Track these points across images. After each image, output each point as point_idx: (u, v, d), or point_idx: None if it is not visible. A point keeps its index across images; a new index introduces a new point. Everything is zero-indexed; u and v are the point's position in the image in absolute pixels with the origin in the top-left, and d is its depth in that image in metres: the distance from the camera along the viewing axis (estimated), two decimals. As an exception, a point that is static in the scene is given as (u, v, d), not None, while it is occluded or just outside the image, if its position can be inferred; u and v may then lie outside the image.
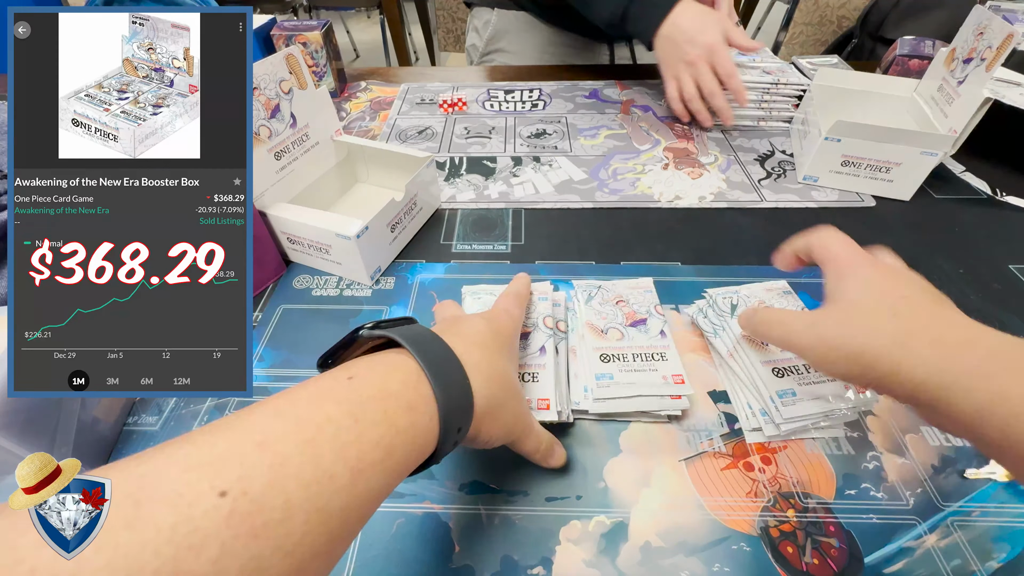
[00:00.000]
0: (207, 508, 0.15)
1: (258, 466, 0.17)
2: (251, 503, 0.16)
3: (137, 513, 0.15)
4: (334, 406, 0.20)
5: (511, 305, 0.35)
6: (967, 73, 0.54)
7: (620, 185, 0.60)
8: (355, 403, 0.21)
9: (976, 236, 0.52)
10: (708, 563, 0.29)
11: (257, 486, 0.16)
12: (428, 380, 0.23)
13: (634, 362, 0.36)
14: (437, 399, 0.23)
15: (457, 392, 0.24)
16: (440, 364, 0.24)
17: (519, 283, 0.38)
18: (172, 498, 0.15)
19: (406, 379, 0.23)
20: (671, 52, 0.65)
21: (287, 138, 0.48)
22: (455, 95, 0.79)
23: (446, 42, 2.08)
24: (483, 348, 0.27)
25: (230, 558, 0.15)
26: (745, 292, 0.41)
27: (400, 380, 0.23)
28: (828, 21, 1.52)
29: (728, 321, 0.39)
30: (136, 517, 0.15)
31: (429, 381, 0.23)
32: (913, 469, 0.33)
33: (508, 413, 0.28)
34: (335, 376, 0.22)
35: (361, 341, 0.25)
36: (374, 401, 0.21)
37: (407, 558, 0.30)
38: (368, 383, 0.22)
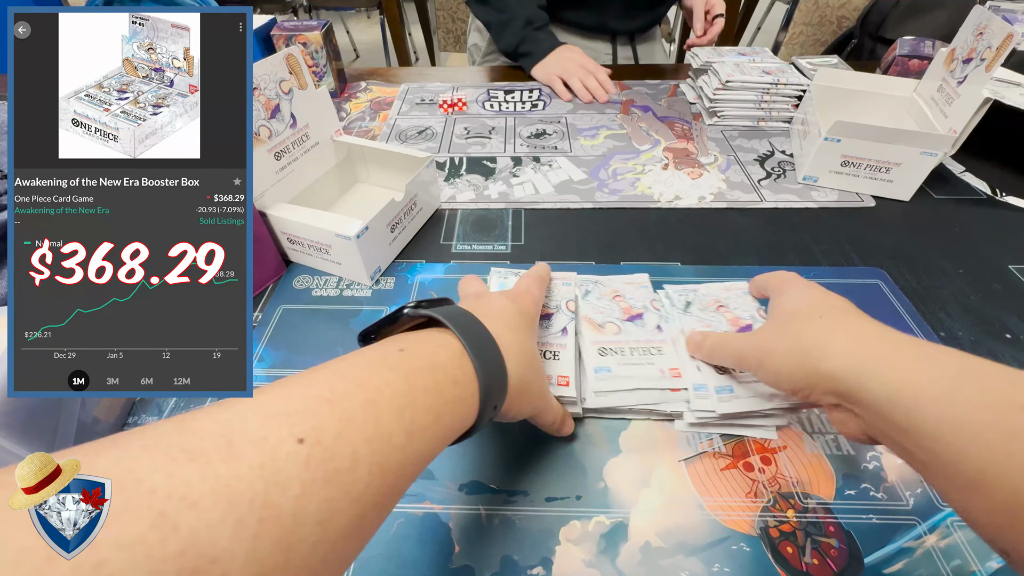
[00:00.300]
0: (288, 451, 0.17)
1: (329, 419, 0.19)
2: (325, 451, 0.18)
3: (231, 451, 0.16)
4: (390, 372, 0.22)
5: (533, 286, 0.36)
6: (967, 73, 0.54)
7: (620, 185, 0.60)
8: (409, 371, 0.22)
9: (976, 236, 0.52)
10: (708, 563, 0.29)
11: (329, 437, 0.18)
12: (471, 358, 0.24)
13: (631, 356, 0.37)
14: (479, 376, 0.24)
15: (495, 370, 0.25)
16: (480, 344, 0.25)
17: (540, 268, 0.40)
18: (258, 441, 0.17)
19: (451, 355, 0.24)
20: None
21: (287, 138, 0.48)
22: (455, 95, 0.79)
23: (446, 42, 2.08)
24: (514, 329, 0.29)
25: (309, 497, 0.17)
26: (703, 291, 0.42)
27: (447, 356, 0.24)
28: (828, 21, 1.52)
29: (678, 315, 0.40)
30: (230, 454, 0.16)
31: (472, 359, 0.24)
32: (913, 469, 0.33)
33: (535, 390, 0.30)
34: (387, 347, 0.24)
35: (405, 319, 0.27)
36: (424, 372, 0.23)
37: (407, 558, 0.30)
38: (418, 355, 0.23)
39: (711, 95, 0.70)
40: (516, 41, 0.86)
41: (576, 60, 0.83)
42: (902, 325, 0.43)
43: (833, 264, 0.49)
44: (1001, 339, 0.42)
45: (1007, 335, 0.42)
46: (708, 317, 0.39)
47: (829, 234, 0.53)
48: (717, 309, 0.40)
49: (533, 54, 0.85)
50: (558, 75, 0.82)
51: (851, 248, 0.51)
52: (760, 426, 0.35)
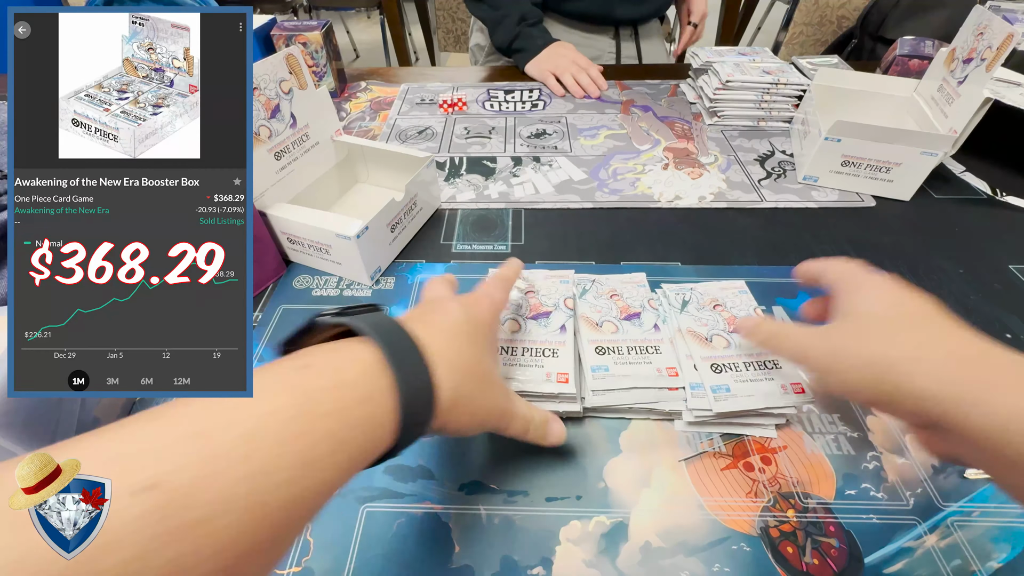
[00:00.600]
0: (125, 505, 0.14)
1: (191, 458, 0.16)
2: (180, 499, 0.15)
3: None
4: (283, 396, 0.19)
5: (494, 289, 0.33)
6: (967, 73, 0.54)
7: (620, 185, 0.60)
8: (307, 393, 0.20)
9: (976, 236, 0.52)
10: (708, 563, 0.29)
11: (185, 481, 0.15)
12: (390, 371, 0.22)
13: (628, 355, 0.37)
14: (399, 390, 0.22)
15: (418, 384, 0.23)
16: (403, 355, 0.23)
17: (508, 267, 0.37)
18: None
19: (365, 369, 0.22)
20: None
21: (287, 138, 0.48)
22: (455, 95, 0.79)
23: (446, 42, 2.08)
24: (453, 337, 0.26)
25: (148, 558, 0.14)
26: (700, 290, 0.42)
27: (358, 370, 0.22)
28: (828, 21, 1.52)
29: (675, 314, 0.40)
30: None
31: (391, 372, 0.22)
32: (913, 469, 0.33)
33: (479, 403, 0.27)
34: (287, 365, 0.21)
35: (320, 328, 0.24)
36: (327, 392, 0.20)
37: (407, 558, 0.30)
38: (322, 372, 0.21)
39: (711, 95, 0.70)
40: (510, 37, 0.87)
41: (569, 56, 0.84)
42: (902, 325, 0.43)
43: (833, 264, 0.49)
44: (1002, 339, 0.42)
45: (1007, 335, 0.42)
46: (705, 316, 0.39)
47: (829, 234, 0.53)
48: (714, 308, 0.40)
49: (526, 50, 0.86)
50: (551, 71, 0.83)
51: (851, 248, 0.51)
52: (759, 425, 0.35)
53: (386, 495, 0.33)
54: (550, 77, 0.83)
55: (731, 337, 0.38)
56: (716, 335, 0.38)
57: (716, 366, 0.36)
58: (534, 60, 0.85)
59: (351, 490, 0.33)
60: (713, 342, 0.37)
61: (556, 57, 0.84)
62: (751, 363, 0.36)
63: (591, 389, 0.35)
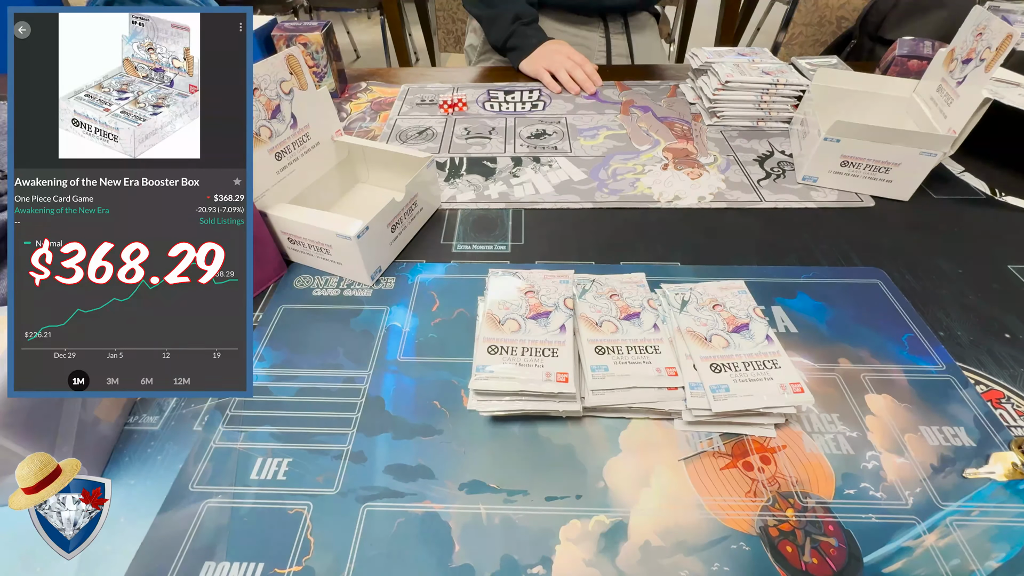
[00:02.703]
0: None
1: None
2: None
3: None
4: None
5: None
6: (966, 73, 0.54)
7: (620, 185, 0.60)
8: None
9: (975, 236, 0.52)
10: (707, 562, 0.29)
11: None
12: None
13: (628, 354, 0.37)
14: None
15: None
16: None
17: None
18: None
19: None
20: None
21: (287, 138, 0.48)
22: (455, 95, 0.79)
23: (446, 43, 2.08)
24: None
25: None
26: (700, 289, 0.42)
27: None
28: (827, 22, 1.52)
29: (675, 314, 0.40)
30: None
31: None
32: (912, 469, 0.33)
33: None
34: None
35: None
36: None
37: (407, 558, 0.30)
38: None
39: (711, 95, 0.70)
40: (505, 36, 0.88)
41: (563, 52, 0.84)
42: (902, 325, 0.43)
43: (832, 264, 0.49)
44: (1000, 339, 0.42)
45: (1006, 335, 0.42)
46: (704, 316, 0.39)
47: (829, 234, 0.53)
48: (713, 308, 0.40)
49: (521, 48, 0.87)
50: (546, 68, 0.84)
51: (851, 248, 0.51)
52: (759, 424, 0.35)
53: (386, 494, 0.33)
54: (545, 74, 0.83)
55: (730, 337, 0.38)
56: (715, 335, 0.38)
57: (715, 366, 0.36)
58: (528, 58, 0.86)
59: (351, 490, 0.33)
60: (712, 342, 0.37)
61: (551, 54, 0.85)
62: (750, 363, 0.36)
63: (591, 389, 0.35)
